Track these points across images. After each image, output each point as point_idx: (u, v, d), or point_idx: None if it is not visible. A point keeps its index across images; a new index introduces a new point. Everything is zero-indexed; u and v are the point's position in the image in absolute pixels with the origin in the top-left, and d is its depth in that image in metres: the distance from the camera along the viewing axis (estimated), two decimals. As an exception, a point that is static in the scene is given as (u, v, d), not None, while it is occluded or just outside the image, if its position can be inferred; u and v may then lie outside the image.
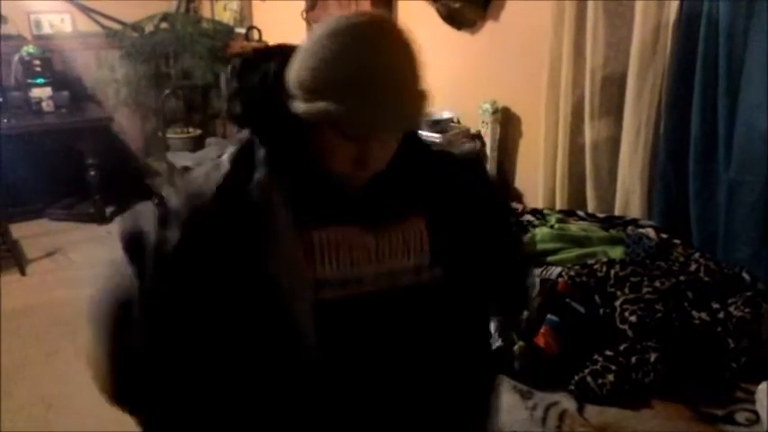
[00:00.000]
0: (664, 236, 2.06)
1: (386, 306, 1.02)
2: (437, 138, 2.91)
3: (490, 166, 2.90)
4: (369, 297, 1.01)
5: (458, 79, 3.01)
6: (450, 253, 1.05)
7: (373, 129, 0.92)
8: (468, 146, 2.86)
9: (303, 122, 0.93)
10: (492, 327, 1.71)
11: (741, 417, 1.41)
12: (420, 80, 0.94)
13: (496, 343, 1.65)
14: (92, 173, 4.21)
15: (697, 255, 1.87)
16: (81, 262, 3.70)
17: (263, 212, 0.96)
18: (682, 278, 1.72)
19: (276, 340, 0.97)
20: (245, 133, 1.02)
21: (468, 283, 1.07)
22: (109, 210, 4.36)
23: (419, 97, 0.95)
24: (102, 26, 4.66)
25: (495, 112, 2.81)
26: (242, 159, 0.99)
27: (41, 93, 4.23)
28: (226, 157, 1.01)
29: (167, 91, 4.59)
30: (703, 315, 1.59)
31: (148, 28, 4.58)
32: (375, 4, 3.35)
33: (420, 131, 1.16)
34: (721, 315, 1.59)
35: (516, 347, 1.60)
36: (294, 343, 0.97)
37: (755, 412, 1.41)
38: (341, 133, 0.91)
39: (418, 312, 1.04)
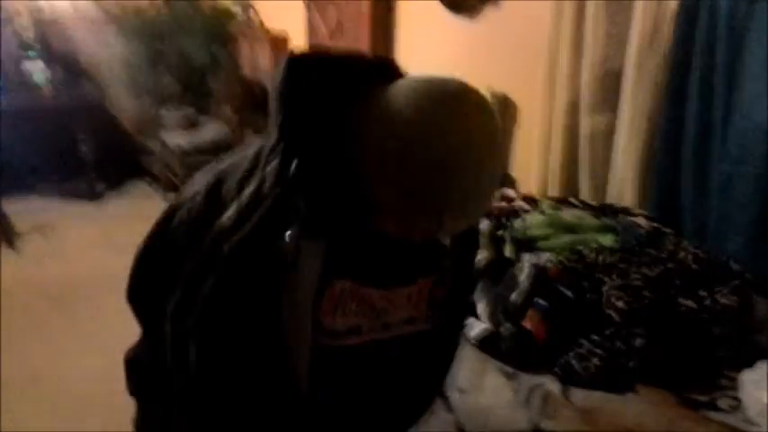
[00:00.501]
0: (655, 225, 2.06)
1: (375, 352, 1.04)
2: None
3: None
4: (361, 345, 1.02)
5: (455, 65, 3.00)
6: (443, 307, 1.07)
7: (437, 234, 0.87)
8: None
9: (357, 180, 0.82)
10: (479, 309, 1.72)
11: (724, 403, 1.42)
12: (495, 183, 0.86)
13: (483, 325, 1.66)
14: (84, 149, 4.19)
15: (687, 244, 1.88)
16: (71, 238, 3.69)
17: (292, 259, 0.90)
18: (670, 266, 1.72)
19: (271, 374, 0.98)
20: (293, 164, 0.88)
21: (453, 328, 1.18)
22: (100, 187, 4.34)
23: (489, 199, 0.86)
24: (98, 3, 4.61)
25: (492, 98, 2.80)
26: (283, 199, 0.88)
27: (35, 67, 4.19)
28: (268, 187, 0.89)
29: (162, 70, 4.56)
30: (690, 302, 1.60)
31: (144, 6, 4.54)
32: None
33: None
34: (708, 303, 1.59)
35: (504, 330, 1.60)
36: (287, 380, 0.98)
37: (738, 399, 1.41)
38: (395, 225, 0.84)
39: (403, 356, 1.08)
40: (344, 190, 0.85)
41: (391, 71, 0.89)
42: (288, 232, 0.87)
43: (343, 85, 0.86)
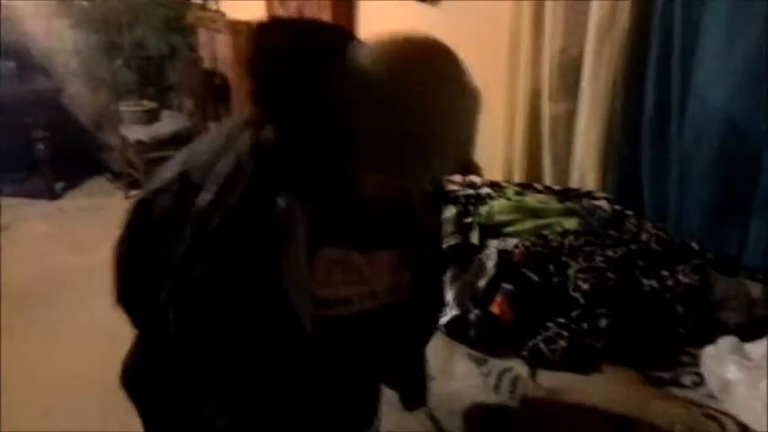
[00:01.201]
0: (617, 207, 2.10)
1: (364, 323, 1.07)
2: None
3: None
4: (351, 317, 1.04)
5: (418, 53, 2.99)
6: (422, 271, 1.12)
7: (420, 179, 0.91)
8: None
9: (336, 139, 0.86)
10: (449, 297, 1.73)
11: (687, 380, 1.45)
12: (474, 130, 0.89)
13: (452, 312, 1.67)
14: (41, 147, 4.07)
15: (649, 225, 1.91)
16: (31, 238, 3.59)
17: (282, 228, 0.91)
18: (633, 247, 1.75)
19: (278, 332, 0.98)
20: (267, 133, 0.92)
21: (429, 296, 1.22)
22: (59, 185, 4.23)
23: (469, 145, 0.90)
24: (51, -7, 4.47)
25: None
26: (265, 172, 0.91)
27: (-15, 62, 4.06)
28: (244, 159, 0.91)
29: (120, 62, 4.45)
30: (653, 282, 1.63)
31: (100, -5, 4.42)
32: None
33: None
34: (670, 282, 1.62)
35: (472, 315, 1.61)
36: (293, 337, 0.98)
37: (701, 375, 1.45)
38: (379, 171, 0.87)
39: (386, 327, 1.12)
40: (322, 149, 0.88)
41: (347, 35, 0.93)
42: (280, 197, 0.89)
43: (308, 48, 0.89)
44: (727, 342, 1.44)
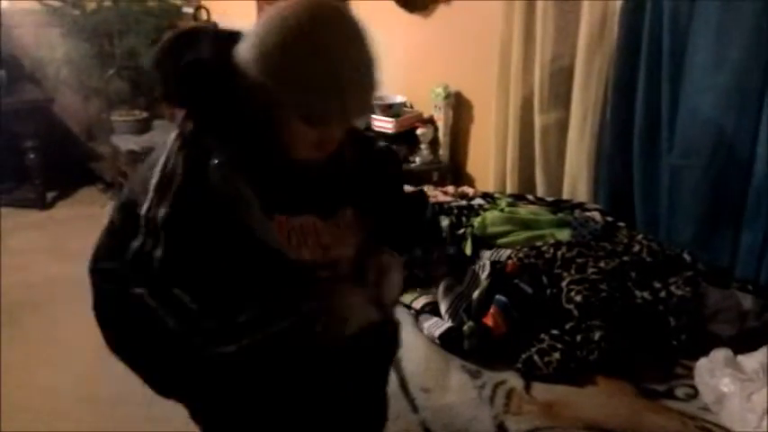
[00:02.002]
0: (609, 219, 2.11)
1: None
2: (390, 122, 2.90)
3: (443, 151, 2.91)
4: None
5: (410, 63, 3.00)
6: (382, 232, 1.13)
7: (344, 117, 0.95)
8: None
9: (257, 106, 0.93)
10: (443, 308, 1.73)
11: (681, 392, 1.46)
12: (377, 67, 0.96)
13: (447, 324, 1.67)
14: (31, 156, 4.03)
15: (640, 236, 1.92)
16: (20, 248, 3.56)
17: (231, 201, 0.94)
18: (625, 259, 1.76)
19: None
20: (187, 123, 0.98)
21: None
22: (50, 195, 4.19)
23: (377, 84, 0.97)
24: (41, 2, 4.45)
25: (447, 96, 2.81)
26: (194, 148, 0.95)
27: (-24, 71, 4.02)
28: (174, 149, 0.96)
29: (111, 71, 4.42)
30: (645, 294, 1.64)
31: (91, 5, 4.40)
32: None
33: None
34: (663, 294, 1.63)
35: (466, 327, 1.61)
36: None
37: (694, 387, 1.45)
38: (307, 122, 0.93)
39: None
40: (242, 124, 0.95)
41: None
42: (213, 162, 0.93)
43: (216, 42, 0.99)
44: (720, 354, 1.45)
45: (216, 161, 0.94)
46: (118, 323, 1.04)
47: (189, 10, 4.34)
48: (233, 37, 0.98)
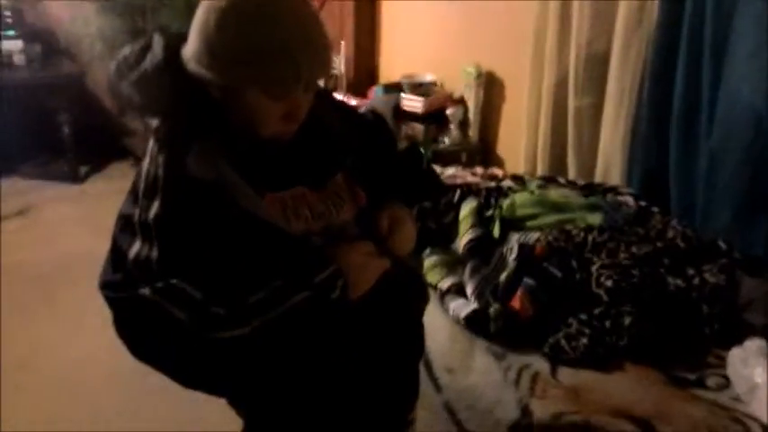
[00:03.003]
0: (642, 204, 2.06)
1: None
2: (419, 101, 2.87)
3: (473, 132, 2.88)
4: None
5: (441, 42, 2.96)
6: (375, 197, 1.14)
7: (301, 84, 0.95)
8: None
9: (219, 95, 0.97)
10: (468, 290, 1.72)
11: (712, 381, 1.42)
12: (322, 25, 0.99)
13: (472, 305, 1.65)
14: (65, 130, 4.09)
15: (674, 222, 1.88)
16: (54, 221, 3.62)
17: (217, 187, 0.95)
18: (659, 245, 1.72)
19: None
20: (159, 129, 1.02)
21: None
22: (83, 169, 4.26)
23: (328, 43, 0.99)
24: (77, -23, 4.48)
25: (478, 76, 2.77)
26: (171, 147, 0.97)
27: (12, 46, 4.08)
28: (153, 154, 0.99)
29: (144, 47, 4.46)
30: (678, 281, 1.60)
31: (125, -20, 4.42)
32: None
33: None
34: (696, 281, 1.60)
35: (492, 310, 1.59)
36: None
37: (726, 377, 1.42)
38: (267, 95, 0.95)
39: None
40: (214, 114, 0.98)
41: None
42: (191, 154, 0.95)
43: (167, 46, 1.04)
44: (754, 344, 1.42)
45: (194, 152, 0.95)
46: (135, 330, 1.07)
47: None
48: (181, 36, 1.03)
